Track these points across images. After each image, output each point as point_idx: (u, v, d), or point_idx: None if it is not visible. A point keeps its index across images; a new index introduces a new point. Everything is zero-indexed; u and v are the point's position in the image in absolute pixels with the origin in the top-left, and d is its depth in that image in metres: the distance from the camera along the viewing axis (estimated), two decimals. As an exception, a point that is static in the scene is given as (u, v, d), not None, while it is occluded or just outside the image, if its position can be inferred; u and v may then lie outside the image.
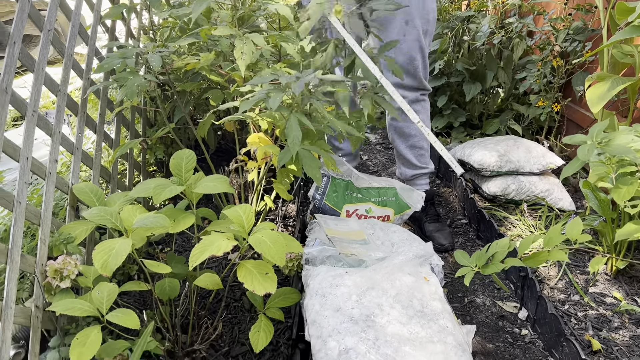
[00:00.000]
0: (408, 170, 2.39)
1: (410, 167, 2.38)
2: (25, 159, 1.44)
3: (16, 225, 1.37)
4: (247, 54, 1.64)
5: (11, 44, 1.40)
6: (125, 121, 2.21)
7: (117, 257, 1.32)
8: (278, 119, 1.77)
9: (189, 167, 1.60)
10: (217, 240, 1.40)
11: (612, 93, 1.86)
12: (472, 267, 1.42)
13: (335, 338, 1.27)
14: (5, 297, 1.31)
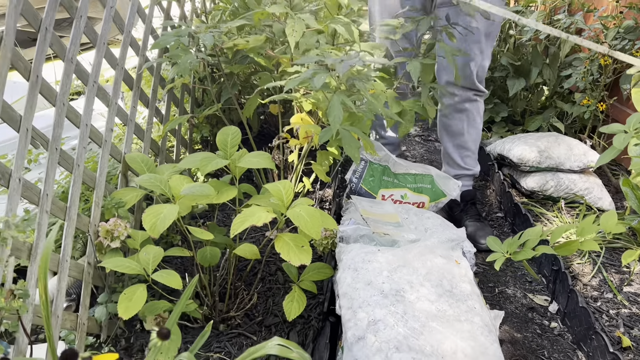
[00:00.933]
0: (451, 170, 2.38)
1: (455, 166, 2.37)
2: (85, 126, 1.55)
3: (74, 186, 1.48)
4: (298, 32, 1.71)
5: (78, 17, 1.50)
6: (175, 99, 2.31)
7: (164, 221, 1.41)
8: (321, 101, 1.83)
9: (234, 143, 1.67)
10: (258, 212, 1.47)
11: (660, 91, 1.84)
12: (503, 253, 1.45)
13: (365, 309, 1.33)
14: (62, 251, 1.42)
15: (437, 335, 1.27)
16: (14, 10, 1.20)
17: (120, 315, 1.36)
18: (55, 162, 1.38)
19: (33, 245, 1.27)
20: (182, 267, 2.01)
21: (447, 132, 2.34)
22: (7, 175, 1.18)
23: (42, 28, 1.32)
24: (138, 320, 1.72)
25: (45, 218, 1.31)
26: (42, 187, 1.32)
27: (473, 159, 2.37)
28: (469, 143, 2.32)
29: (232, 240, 1.76)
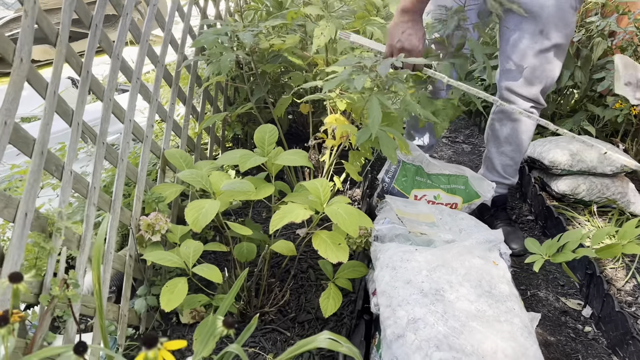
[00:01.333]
0: (489, 175, 2.32)
1: (493, 172, 2.31)
2: (129, 121, 1.58)
3: (119, 180, 1.51)
4: (327, 35, 1.72)
5: (124, 15, 1.53)
6: (210, 97, 2.34)
7: (206, 215, 1.43)
8: (356, 101, 1.84)
9: (271, 141, 1.69)
10: (296, 209, 1.49)
11: (700, 95, 1.81)
12: (542, 255, 1.45)
13: (404, 308, 1.34)
14: (107, 244, 1.45)
15: (477, 334, 1.27)
16: (69, 7, 1.23)
17: (162, 307, 1.39)
18: (102, 156, 1.42)
19: (81, 237, 1.30)
20: (215, 262, 2.04)
21: (494, 137, 2.25)
22: (61, 168, 1.21)
23: (92, 25, 1.36)
24: (174, 313, 1.75)
25: (92, 210, 1.35)
26: (90, 180, 1.35)
27: (514, 169, 2.30)
28: (514, 154, 2.23)
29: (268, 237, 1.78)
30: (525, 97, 2.08)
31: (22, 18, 1.05)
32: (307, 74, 2.21)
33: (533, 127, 2.20)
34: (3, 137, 0.98)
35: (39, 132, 1.12)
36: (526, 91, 2.07)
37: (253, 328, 1.11)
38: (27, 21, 1.05)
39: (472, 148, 3.36)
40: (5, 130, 0.98)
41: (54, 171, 1.19)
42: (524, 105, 2.09)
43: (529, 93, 2.07)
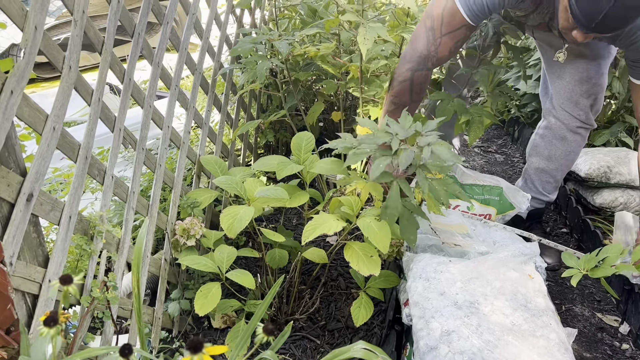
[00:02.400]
0: (527, 189, 2.25)
1: (532, 188, 2.24)
2: (167, 127, 1.61)
3: (156, 185, 1.54)
4: (370, 40, 1.70)
5: (165, 24, 1.57)
6: (244, 104, 2.37)
7: (241, 221, 1.45)
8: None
9: (308, 148, 1.70)
10: (328, 219, 1.49)
11: None
12: (580, 269, 1.42)
13: (438, 320, 1.32)
14: (144, 247, 1.48)
15: (512, 349, 1.25)
16: (114, 16, 1.27)
17: (196, 311, 1.41)
18: (142, 162, 1.45)
19: (120, 240, 1.33)
20: (247, 268, 2.06)
21: (537, 153, 2.16)
22: (103, 172, 1.24)
23: (135, 33, 1.39)
24: (206, 317, 1.77)
25: (131, 214, 1.38)
26: (130, 185, 1.38)
27: (554, 186, 2.22)
28: (556, 172, 2.16)
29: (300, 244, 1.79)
30: (574, 116, 2.01)
31: (71, 27, 1.09)
32: (340, 82, 2.22)
33: (580, 147, 2.10)
34: (52, 142, 1.01)
35: (84, 137, 1.15)
36: (575, 110, 1.99)
37: (287, 335, 1.12)
38: (76, 30, 1.09)
39: (505, 158, 3.32)
40: (53, 136, 1.02)
41: (97, 175, 1.22)
42: (572, 124, 2.02)
43: (579, 113, 1.99)
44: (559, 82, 1.98)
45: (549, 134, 2.10)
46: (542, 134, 2.13)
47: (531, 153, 2.21)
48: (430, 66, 1.68)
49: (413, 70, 1.65)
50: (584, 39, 1.47)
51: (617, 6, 1.31)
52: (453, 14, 1.61)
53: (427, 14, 1.67)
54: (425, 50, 1.66)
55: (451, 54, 1.71)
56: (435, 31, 1.64)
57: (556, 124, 2.05)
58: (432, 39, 1.65)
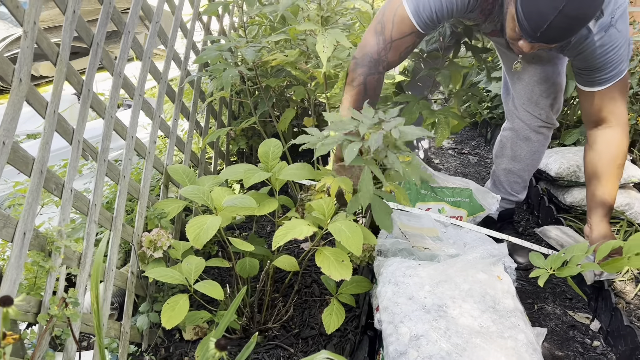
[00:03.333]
0: (496, 190, 2.28)
1: (500, 188, 2.28)
2: (131, 138, 1.59)
3: (120, 197, 1.52)
4: (329, 47, 1.70)
5: (126, 33, 1.55)
6: (214, 112, 2.35)
7: (208, 231, 1.43)
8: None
9: (275, 155, 1.69)
10: (299, 225, 1.48)
11: None
12: (547, 269, 1.43)
13: (407, 324, 1.32)
14: (108, 261, 1.45)
15: (480, 351, 1.25)
16: (69, 26, 1.24)
17: (163, 324, 1.38)
18: (104, 174, 1.42)
19: (82, 254, 1.30)
20: (219, 277, 2.04)
21: (503, 153, 2.21)
22: (61, 186, 1.21)
23: (94, 43, 1.37)
24: (177, 330, 1.75)
25: (93, 228, 1.35)
26: (91, 198, 1.35)
27: (521, 186, 2.26)
28: (523, 172, 2.20)
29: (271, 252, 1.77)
30: (535, 116, 2.05)
31: (21, 39, 1.06)
32: (309, 88, 2.21)
33: (544, 147, 2.15)
34: (1, 157, 0.98)
35: (38, 150, 1.12)
36: (538, 110, 2.04)
37: (252, 347, 1.10)
38: (26, 42, 1.06)
39: (479, 159, 3.34)
40: (3, 151, 0.99)
41: (54, 189, 1.19)
42: (534, 124, 2.07)
43: (540, 112, 2.04)
44: (518, 84, 2.02)
45: (513, 134, 2.14)
46: (507, 135, 2.17)
47: (498, 154, 2.24)
48: (381, 70, 1.70)
49: (365, 75, 1.66)
50: (530, 50, 1.49)
51: (561, 16, 1.34)
52: (403, 21, 1.63)
53: (377, 19, 1.69)
54: (375, 54, 1.67)
55: (401, 59, 1.73)
56: (386, 36, 1.65)
57: (519, 125, 2.10)
58: (383, 44, 1.66)
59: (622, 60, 1.60)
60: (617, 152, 1.73)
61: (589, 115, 1.77)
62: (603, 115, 1.73)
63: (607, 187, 1.76)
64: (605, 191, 1.76)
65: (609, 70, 1.62)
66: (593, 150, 1.79)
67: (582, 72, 1.69)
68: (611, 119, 1.72)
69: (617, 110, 1.70)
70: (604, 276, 1.78)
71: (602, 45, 1.57)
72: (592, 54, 1.59)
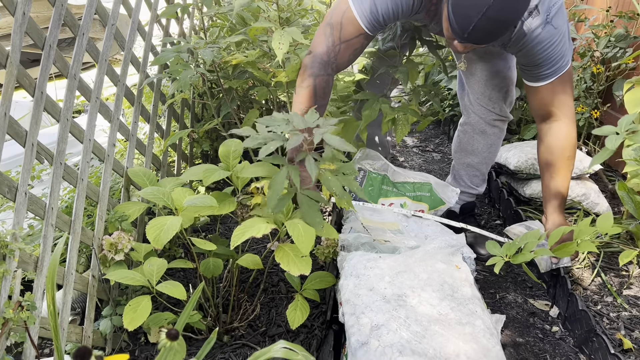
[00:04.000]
0: (456, 185, 2.34)
1: (461, 182, 2.33)
2: (89, 141, 1.58)
3: (78, 200, 1.50)
4: (285, 44, 1.73)
5: (80, 35, 1.54)
6: (176, 114, 2.34)
7: (168, 232, 1.43)
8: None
9: (236, 155, 1.70)
10: (257, 223, 1.49)
11: (651, 96, 1.87)
12: (502, 257, 1.47)
13: (367, 315, 1.34)
14: (67, 264, 1.44)
15: (439, 338, 1.28)
16: (19, 28, 1.23)
17: (125, 326, 1.38)
18: (60, 177, 1.41)
19: (39, 258, 1.29)
20: (185, 279, 2.03)
21: (461, 149, 2.27)
22: (14, 189, 1.20)
23: (46, 45, 1.36)
24: (142, 333, 1.73)
25: (50, 231, 1.33)
26: (48, 201, 1.34)
27: (480, 179, 2.33)
28: (481, 165, 2.26)
29: (235, 252, 1.78)
30: (489, 109, 2.12)
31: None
32: (272, 88, 2.23)
33: (500, 140, 2.22)
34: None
35: (-11, 153, 1.11)
36: (490, 104, 2.10)
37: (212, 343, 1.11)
38: (-27, 43, 1.05)
39: (442, 156, 3.41)
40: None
41: (7, 193, 1.18)
42: (489, 117, 2.13)
43: (493, 106, 2.11)
44: (472, 79, 2.08)
45: (470, 129, 2.20)
46: (463, 129, 2.23)
47: (456, 149, 2.31)
48: (330, 72, 1.73)
49: (315, 76, 1.69)
50: (464, 49, 1.55)
51: (485, 19, 1.39)
52: (350, 22, 1.67)
53: (326, 21, 1.72)
54: (325, 56, 1.71)
55: (350, 61, 1.78)
56: (334, 38, 1.69)
57: (475, 119, 2.16)
58: (332, 46, 1.70)
59: (562, 56, 1.67)
60: (566, 144, 1.79)
61: (536, 110, 1.83)
62: (549, 110, 1.79)
63: (558, 178, 1.82)
64: (557, 183, 1.82)
65: (550, 66, 1.68)
66: (543, 143, 1.85)
67: (526, 68, 1.76)
68: (557, 112, 1.78)
69: (562, 104, 1.76)
70: (560, 263, 1.84)
71: (540, 42, 1.63)
72: (531, 50, 1.66)
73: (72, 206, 1.53)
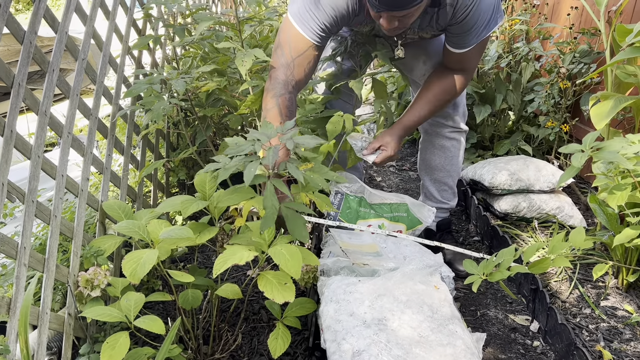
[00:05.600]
0: (429, 202, 2.39)
1: (432, 199, 2.38)
2: (61, 176, 1.56)
3: (52, 237, 1.48)
4: (247, 62, 1.78)
5: (50, 72, 1.53)
6: (150, 144, 2.34)
7: (144, 266, 1.41)
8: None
9: (212, 185, 1.70)
10: (239, 251, 1.48)
11: (616, 110, 1.93)
12: (480, 275, 1.49)
13: (349, 341, 1.34)
14: (42, 304, 1.41)
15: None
16: (-14, 68, 1.22)
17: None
18: (32, 215, 1.39)
19: (12, 299, 1.26)
20: (165, 312, 2.00)
21: (425, 165, 2.34)
22: (-16, 231, 1.18)
23: (15, 84, 1.35)
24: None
25: (23, 271, 1.31)
26: (20, 240, 1.32)
27: (450, 193, 2.38)
28: (446, 179, 2.32)
29: (214, 281, 1.76)
30: (443, 123, 2.20)
31: None
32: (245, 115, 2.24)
33: (460, 151, 2.30)
34: None
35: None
36: (443, 118, 2.18)
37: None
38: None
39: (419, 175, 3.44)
40: None
41: (-23, 234, 1.15)
42: (444, 131, 2.21)
43: (446, 119, 2.19)
44: None
45: (429, 145, 2.28)
46: (423, 147, 2.31)
47: (420, 167, 2.39)
48: (291, 89, 1.80)
49: (277, 97, 1.75)
50: (388, 25, 1.64)
51: None
52: (296, 39, 1.76)
53: (276, 43, 1.81)
54: (282, 75, 1.78)
55: (307, 75, 1.85)
56: (287, 57, 1.77)
57: (432, 135, 2.25)
58: (286, 64, 1.77)
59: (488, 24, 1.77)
60: (452, 92, 1.95)
61: (448, 64, 1.96)
62: (458, 67, 1.93)
63: (418, 107, 1.96)
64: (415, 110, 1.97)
65: (477, 35, 1.79)
66: (436, 79, 1.97)
67: (454, 37, 1.84)
68: (462, 68, 1.93)
69: (469, 65, 1.93)
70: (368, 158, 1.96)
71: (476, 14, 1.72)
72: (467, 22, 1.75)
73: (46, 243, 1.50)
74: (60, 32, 1.59)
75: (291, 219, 1.44)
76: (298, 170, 1.33)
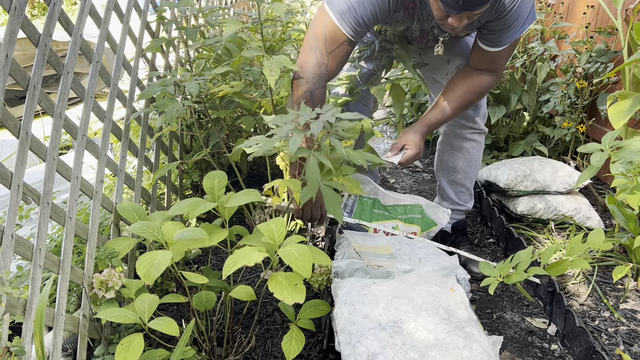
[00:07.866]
0: (445, 203, 2.36)
1: (448, 200, 2.35)
2: (76, 179, 1.57)
3: (67, 239, 1.49)
4: (275, 71, 1.74)
5: (65, 74, 1.54)
6: (164, 147, 2.34)
7: (158, 267, 1.41)
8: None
9: (220, 186, 1.69)
10: (250, 252, 1.48)
11: (634, 109, 1.89)
12: (497, 277, 1.46)
13: (363, 343, 1.33)
14: (57, 305, 1.41)
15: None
16: (2, 70, 1.23)
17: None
18: (47, 217, 1.39)
19: (27, 300, 1.26)
20: (179, 314, 2.00)
21: (442, 167, 2.30)
22: (0, 232, 1.19)
23: (30, 86, 1.36)
24: (136, 371, 1.70)
25: (38, 272, 1.31)
26: (35, 242, 1.32)
27: (467, 194, 2.34)
28: (464, 180, 2.28)
29: (228, 283, 1.76)
30: (463, 124, 2.17)
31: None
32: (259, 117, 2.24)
33: (479, 152, 2.26)
34: None
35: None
36: (463, 119, 2.15)
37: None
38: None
39: (432, 176, 3.41)
40: None
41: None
42: (463, 132, 2.18)
43: (466, 120, 2.16)
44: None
45: (448, 147, 2.25)
46: (442, 148, 2.28)
47: (438, 168, 2.34)
48: (324, 83, 1.78)
49: (311, 91, 1.73)
50: (459, 24, 1.60)
51: None
52: (333, 31, 1.72)
53: (310, 34, 1.77)
54: (317, 69, 1.74)
55: (338, 69, 1.83)
56: (322, 50, 1.74)
57: (451, 137, 2.22)
58: (320, 58, 1.74)
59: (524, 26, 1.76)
60: (479, 92, 1.94)
61: (476, 64, 1.94)
62: (487, 67, 1.91)
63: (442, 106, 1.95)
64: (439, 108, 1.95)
65: (512, 33, 1.77)
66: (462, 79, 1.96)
67: (491, 34, 1.81)
68: (491, 68, 1.91)
69: (499, 65, 1.91)
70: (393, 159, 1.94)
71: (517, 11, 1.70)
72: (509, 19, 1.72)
73: (60, 245, 1.51)
74: (75, 35, 1.60)
75: (329, 196, 1.49)
76: (341, 145, 1.37)
